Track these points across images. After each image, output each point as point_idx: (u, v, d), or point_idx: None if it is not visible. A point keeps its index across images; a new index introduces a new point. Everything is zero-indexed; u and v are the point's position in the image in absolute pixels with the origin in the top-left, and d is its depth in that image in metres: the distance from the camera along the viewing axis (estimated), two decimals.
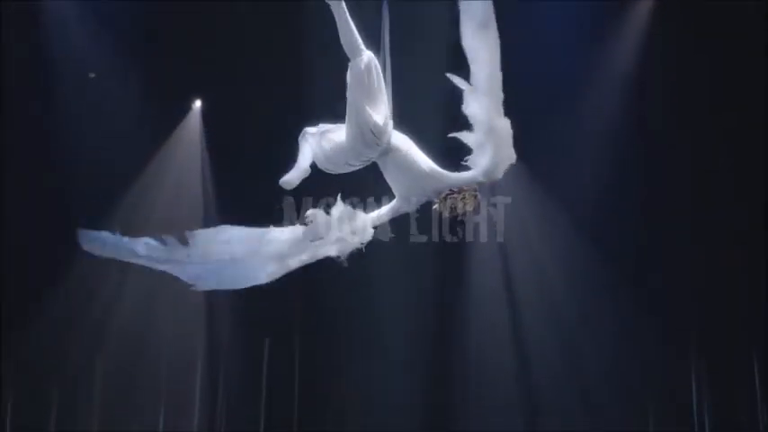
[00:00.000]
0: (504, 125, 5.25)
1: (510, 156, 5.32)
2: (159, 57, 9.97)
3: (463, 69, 5.29)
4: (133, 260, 5.51)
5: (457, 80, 5.27)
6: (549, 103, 9.78)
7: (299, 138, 5.56)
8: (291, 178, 5.49)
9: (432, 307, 10.51)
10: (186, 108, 10.52)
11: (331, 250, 5.38)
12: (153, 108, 9.93)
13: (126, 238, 5.42)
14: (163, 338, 10.03)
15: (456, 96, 5.34)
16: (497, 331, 10.40)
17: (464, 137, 5.33)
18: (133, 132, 9.93)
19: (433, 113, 8.68)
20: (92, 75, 9.99)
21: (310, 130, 5.53)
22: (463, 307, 10.56)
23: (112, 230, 5.46)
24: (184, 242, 5.35)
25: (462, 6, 5.16)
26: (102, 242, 5.46)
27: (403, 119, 5.50)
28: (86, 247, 5.50)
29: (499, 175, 5.35)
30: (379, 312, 10.26)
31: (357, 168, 5.51)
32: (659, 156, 10.08)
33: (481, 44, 5.15)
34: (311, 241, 5.39)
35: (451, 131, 5.34)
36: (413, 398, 10.22)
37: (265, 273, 5.45)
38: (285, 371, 10.25)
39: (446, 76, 5.30)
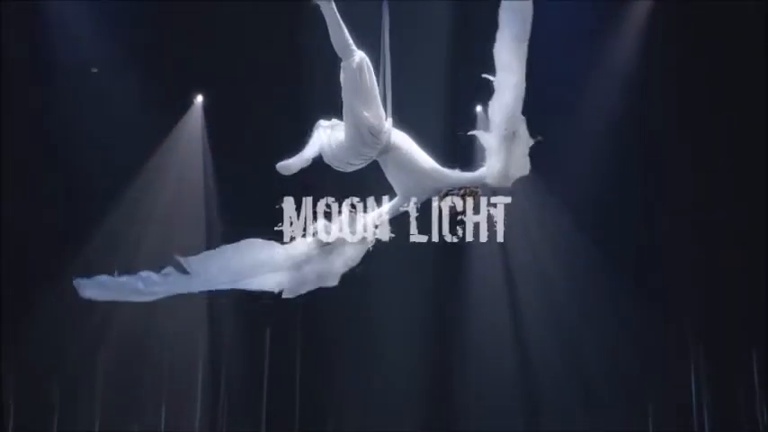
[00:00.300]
0: (523, 134, 5.22)
1: (524, 166, 5.27)
2: (160, 54, 9.96)
3: (462, 69, 5.27)
4: (136, 298, 5.37)
5: (491, 78, 5.21)
6: (549, 103, 9.75)
7: (314, 128, 5.52)
8: (290, 164, 5.47)
9: (432, 307, 10.51)
10: (188, 104, 10.53)
11: (339, 260, 5.37)
12: (154, 104, 9.91)
13: (123, 277, 5.28)
14: (164, 338, 10.02)
15: (455, 96, 5.33)
16: (497, 331, 10.41)
17: (481, 136, 5.30)
18: (134, 128, 9.92)
19: (432, 113, 8.70)
20: (94, 70, 9.99)
21: (324, 123, 5.50)
22: (463, 307, 10.56)
23: (109, 273, 5.29)
24: (184, 271, 5.23)
25: (502, 14, 5.12)
26: (100, 286, 5.30)
27: (403, 118, 5.49)
28: (86, 294, 5.31)
29: (509, 183, 5.29)
30: (379, 312, 10.27)
31: (360, 167, 5.48)
32: (659, 156, 10.08)
33: (512, 55, 5.12)
34: (317, 249, 5.35)
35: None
36: (413, 398, 10.22)
37: (275, 287, 5.38)
38: (286, 371, 10.25)
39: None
